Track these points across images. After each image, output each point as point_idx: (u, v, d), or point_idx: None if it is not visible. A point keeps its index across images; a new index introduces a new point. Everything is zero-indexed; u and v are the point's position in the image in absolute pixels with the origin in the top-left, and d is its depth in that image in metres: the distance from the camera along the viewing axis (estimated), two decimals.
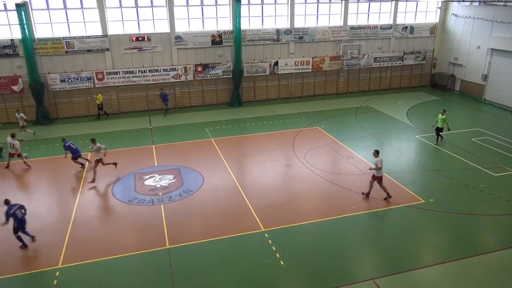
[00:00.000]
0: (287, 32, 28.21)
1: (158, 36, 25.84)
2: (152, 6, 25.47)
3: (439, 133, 20.14)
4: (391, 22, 30.64)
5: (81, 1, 24.19)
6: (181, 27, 26.24)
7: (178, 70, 26.56)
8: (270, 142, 20.89)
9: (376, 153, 14.69)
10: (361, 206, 14.49)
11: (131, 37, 25.26)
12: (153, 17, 25.75)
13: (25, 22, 22.76)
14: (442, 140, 20.31)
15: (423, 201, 14.71)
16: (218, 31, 26.79)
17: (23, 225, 12.41)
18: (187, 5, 26.00)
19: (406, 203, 14.58)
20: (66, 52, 24.48)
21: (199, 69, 26.96)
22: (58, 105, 25.36)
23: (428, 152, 19.62)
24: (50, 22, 24.12)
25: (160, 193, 15.60)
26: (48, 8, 23.86)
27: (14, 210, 12.27)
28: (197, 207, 14.63)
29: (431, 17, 31.93)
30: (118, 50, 25.38)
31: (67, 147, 17.70)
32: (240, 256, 11.86)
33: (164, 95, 25.51)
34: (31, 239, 12.52)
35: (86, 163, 18.22)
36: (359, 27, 29.84)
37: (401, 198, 14.93)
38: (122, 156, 19.32)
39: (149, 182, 16.54)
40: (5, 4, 22.79)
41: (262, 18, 27.89)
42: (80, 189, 16.09)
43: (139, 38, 25.38)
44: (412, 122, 23.87)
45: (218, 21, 26.95)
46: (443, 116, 19.74)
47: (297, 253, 11.87)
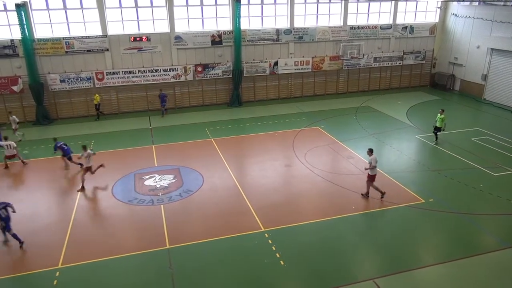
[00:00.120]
0: (287, 32, 28.21)
1: (158, 36, 25.84)
2: (152, 6, 25.47)
3: (436, 133, 20.19)
4: (391, 22, 30.65)
5: (81, 1, 24.19)
6: (181, 27, 26.24)
7: (178, 70, 26.57)
8: (270, 142, 20.89)
9: (370, 152, 14.73)
10: (361, 206, 14.49)
11: (131, 37, 25.27)
12: (153, 17, 25.74)
13: (25, 22, 22.77)
14: (435, 141, 20.29)
15: (423, 201, 14.72)
16: (218, 31, 26.79)
17: (8, 225, 12.35)
18: (187, 5, 26.00)
19: (406, 203, 14.59)
20: (66, 52, 24.48)
21: (199, 69, 26.96)
22: (58, 105, 25.36)
23: (428, 152, 19.63)
24: (50, 22, 24.12)
25: (160, 193, 15.60)
26: (48, 8, 23.86)
27: None
28: (197, 207, 14.63)
29: (431, 17, 31.94)
30: (118, 50, 25.38)
31: (59, 147, 17.69)
32: (240, 256, 11.86)
33: (163, 96, 25.47)
34: (19, 242, 12.42)
35: (69, 166, 18.07)
36: (359, 27, 29.84)
37: (401, 198, 14.94)
38: (122, 156, 19.35)
39: (149, 182, 16.54)
40: (5, 4, 22.79)
41: (262, 18, 27.90)
42: (80, 189, 16.07)
43: (137, 39, 25.35)
44: (412, 122, 23.88)
45: (218, 21, 26.95)
46: (442, 116, 19.80)
47: (297, 253, 11.88)
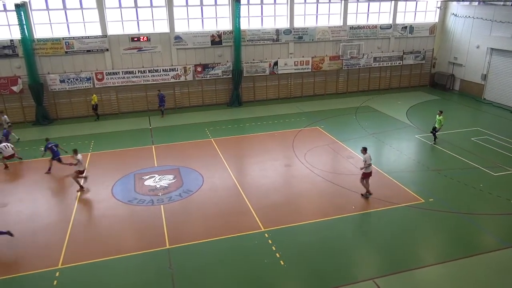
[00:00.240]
0: (287, 32, 28.21)
1: (158, 36, 25.83)
2: (152, 7, 25.46)
3: (435, 133, 20.22)
4: (391, 22, 30.65)
5: (81, 2, 24.19)
6: (181, 27, 26.24)
7: (178, 70, 26.56)
8: (270, 142, 20.89)
9: (364, 150, 14.80)
10: (361, 206, 14.49)
11: (130, 37, 25.27)
12: (153, 17, 25.74)
13: (25, 23, 22.76)
14: (434, 141, 20.31)
15: (423, 201, 14.72)
16: (218, 31, 26.79)
17: None
18: (187, 5, 26.00)
19: (406, 203, 14.59)
20: (66, 53, 24.47)
21: (199, 69, 26.96)
22: (58, 106, 25.35)
23: (428, 152, 19.64)
24: (50, 23, 24.11)
25: (160, 193, 15.60)
26: (48, 9, 23.85)
27: None
28: (197, 207, 14.63)
29: (431, 17, 31.95)
30: (118, 51, 25.38)
31: (49, 148, 17.52)
32: (240, 256, 11.86)
33: (162, 96, 25.43)
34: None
35: (51, 171, 17.78)
36: (359, 27, 29.85)
37: (401, 198, 14.94)
38: (122, 157, 19.35)
39: (149, 183, 16.54)
40: (5, 5, 22.79)
41: (262, 18, 27.90)
42: (80, 189, 16.07)
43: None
44: (412, 122, 23.88)
45: (218, 21, 26.95)
46: (440, 117, 19.91)
47: (297, 253, 11.88)
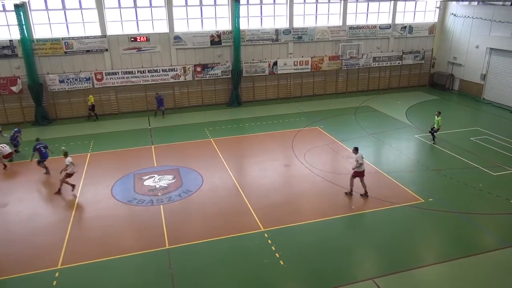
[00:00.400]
0: (286, 32, 28.21)
1: (157, 37, 25.82)
2: (151, 7, 25.45)
3: (433, 133, 20.25)
4: (390, 22, 30.66)
5: (80, 2, 24.17)
6: (180, 27, 26.23)
7: (177, 71, 26.55)
8: (270, 142, 20.88)
9: (356, 150, 14.92)
10: (361, 206, 14.49)
11: (130, 38, 25.25)
12: (152, 18, 25.72)
13: (24, 23, 22.74)
14: (433, 141, 20.33)
15: (423, 201, 14.72)
16: (217, 31, 26.79)
17: None
18: (186, 5, 26.00)
19: (406, 203, 14.59)
20: (65, 53, 24.45)
21: (198, 69, 26.95)
22: (57, 106, 25.33)
23: (427, 152, 19.65)
24: (49, 23, 24.08)
25: (160, 194, 15.59)
26: (47, 9, 23.83)
27: None
28: (197, 207, 14.63)
29: (430, 17, 31.96)
30: (117, 51, 25.37)
31: (37, 149, 17.29)
32: (240, 256, 11.86)
33: (160, 99, 25.32)
34: None
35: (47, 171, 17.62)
36: (358, 27, 29.85)
37: (401, 198, 14.95)
38: (122, 157, 19.34)
39: (149, 183, 16.53)
40: (4, 5, 22.77)
41: (261, 18, 27.90)
42: (79, 190, 16.06)
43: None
44: (411, 122, 23.89)
45: (217, 21, 26.95)
46: (438, 118, 19.97)
47: (297, 253, 11.88)
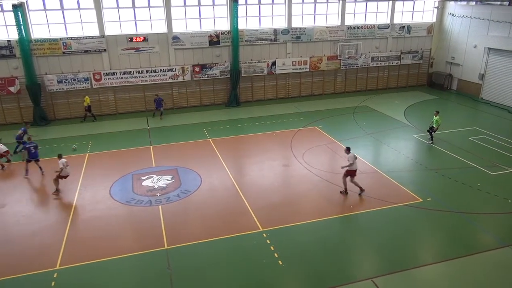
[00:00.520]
0: (285, 32, 28.22)
1: (156, 37, 25.80)
2: (149, 7, 25.43)
3: (431, 133, 20.30)
4: (388, 22, 30.69)
5: (78, 2, 24.13)
6: (179, 28, 26.21)
7: (176, 71, 26.53)
8: (268, 142, 20.88)
9: (348, 150, 15.07)
10: (359, 206, 14.50)
11: (128, 38, 25.21)
12: (151, 18, 25.70)
13: (22, 23, 22.68)
14: (431, 141, 20.37)
15: (421, 200, 14.74)
16: (216, 31, 26.77)
17: None
18: (184, 6, 25.98)
19: (404, 202, 14.61)
20: (63, 53, 24.42)
21: (197, 70, 26.94)
22: (55, 106, 25.28)
23: (426, 151, 19.68)
24: (47, 23, 24.04)
25: (158, 194, 15.58)
26: (45, 9, 23.79)
27: None
28: (195, 208, 14.62)
29: (428, 17, 32.00)
30: (115, 51, 25.33)
31: (26, 148, 17.20)
32: (239, 256, 11.85)
33: (160, 100, 25.21)
34: None
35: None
36: (357, 27, 29.87)
37: (399, 197, 14.96)
38: (120, 157, 19.32)
39: (147, 183, 16.51)
40: (2, 5, 22.72)
41: (260, 18, 27.90)
42: (78, 190, 16.04)
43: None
44: (410, 122, 23.92)
45: (216, 21, 26.94)
46: (437, 117, 20.04)
47: (296, 253, 11.87)
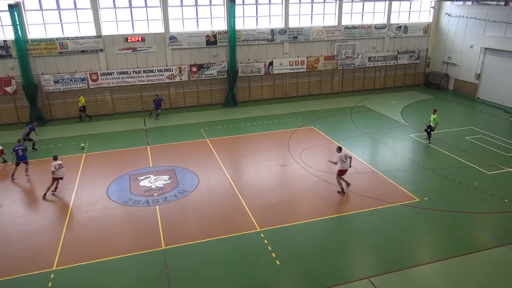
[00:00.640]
0: (282, 32, 28.23)
1: (153, 37, 25.75)
2: (146, 7, 25.38)
3: (430, 132, 20.37)
4: (385, 22, 30.76)
5: (75, 2, 24.05)
6: (176, 28, 26.17)
7: (173, 71, 26.50)
8: (265, 142, 20.89)
9: (339, 149, 15.35)
10: (357, 205, 14.51)
11: (125, 38, 25.15)
12: (147, 18, 25.65)
13: (18, 23, 22.59)
14: (428, 140, 20.45)
15: (418, 200, 14.78)
16: (213, 31, 26.76)
17: None
18: (181, 5, 25.94)
19: (401, 202, 14.64)
20: (60, 53, 24.33)
21: (194, 70, 26.91)
22: (52, 106, 25.19)
23: (423, 151, 19.73)
24: (44, 23, 23.95)
25: (156, 194, 15.55)
26: (41, 9, 23.70)
27: None
28: (193, 208, 14.60)
29: (425, 17, 32.09)
30: (112, 51, 25.27)
31: (14, 151, 17.03)
32: (236, 256, 11.85)
33: (159, 101, 25.13)
34: None
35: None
36: (353, 27, 29.92)
37: (396, 197, 14.99)
38: (117, 157, 19.27)
39: (144, 183, 16.48)
40: None
41: (257, 18, 27.89)
42: (75, 191, 15.99)
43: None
44: (407, 121, 23.98)
45: (213, 21, 26.92)
46: (434, 116, 20.09)
47: (293, 253, 11.88)
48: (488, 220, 13.62)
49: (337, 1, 28.88)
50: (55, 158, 15.65)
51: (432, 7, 31.59)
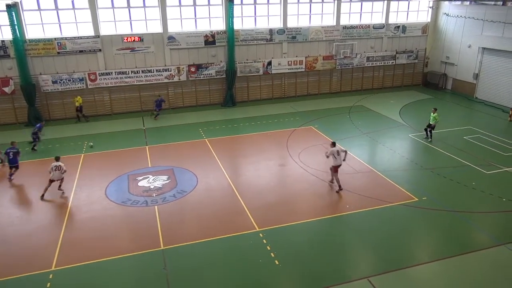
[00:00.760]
0: (280, 32, 28.23)
1: (151, 37, 25.73)
2: (145, 7, 25.36)
3: (430, 130, 20.43)
4: (384, 22, 30.79)
5: (73, 2, 24.01)
6: (174, 27, 26.15)
7: (171, 71, 26.47)
8: (264, 142, 20.89)
9: (333, 144, 15.52)
10: (355, 205, 14.52)
11: (123, 38, 25.12)
12: (146, 18, 25.62)
13: (16, 23, 22.54)
14: (427, 138, 20.51)
15: (417, 199, 14.81)
16: (211, 31, 26.74)
17: None
18: (180, 5, 25.92)
19: (400, 202, 14.66)
20: (58, 53, 24.29)
21: (192, 70, 26.90)
22: (50, 107, 25.15)
23: (421, 151, 19.75)
24: (42, 23, 23.90)
25: (154, 194, 15.54)
26: (39, 9, 23.66)
27: None
28: (191, 208, 14.60)
29: (423, 17, 32.14)
30: (111, 51, 25.24)
31: (5, 154, 16.98)
32: (235, 256, 11.85)
33: (160, 101, 25.11)
34: None
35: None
36: (352, 27, 29.95)
37: (395, 197, 15.01)
38: (116, 157, 19.25)
39: (143, 183, 16.47)
40: None
41: (255, 18, 27.89)
42: (73, 191, 15.96)
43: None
44: (405, 121, 24.01)
45: (211, 21, 26.91)
46: (434, 114, 20.16)
47: (292, 253, 11.89)
48: (486, 220, 13.65)
49: (335, 1, 28.90)
50: (57, 159, 15.67)
51: (430, 7, 31.63)
